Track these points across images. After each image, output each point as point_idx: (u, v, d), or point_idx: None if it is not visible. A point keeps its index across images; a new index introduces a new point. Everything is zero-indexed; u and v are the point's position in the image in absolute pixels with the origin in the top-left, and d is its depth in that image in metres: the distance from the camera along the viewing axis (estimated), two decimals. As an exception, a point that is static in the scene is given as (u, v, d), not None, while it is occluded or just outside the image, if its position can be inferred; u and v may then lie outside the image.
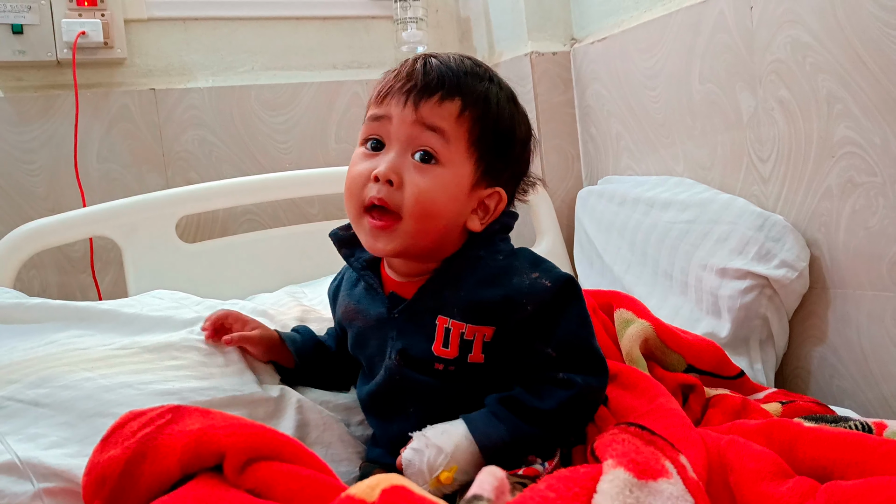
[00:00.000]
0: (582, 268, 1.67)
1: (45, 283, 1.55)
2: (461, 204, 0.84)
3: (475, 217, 0.86)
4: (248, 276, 1.46)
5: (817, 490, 0.66)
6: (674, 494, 0.62)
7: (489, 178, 0.86)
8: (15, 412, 0.80)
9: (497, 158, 0.86)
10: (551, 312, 0.81)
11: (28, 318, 1.00)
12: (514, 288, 0.82)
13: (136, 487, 0.65)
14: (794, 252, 1.23)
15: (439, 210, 0.82)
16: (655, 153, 1.56)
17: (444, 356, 0.82)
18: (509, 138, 0.87)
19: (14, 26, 1.50)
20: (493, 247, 0.87)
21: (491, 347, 0.82)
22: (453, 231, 0.86)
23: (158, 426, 0.68)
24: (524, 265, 0.85)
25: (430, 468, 0.76)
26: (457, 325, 0.82)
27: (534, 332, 0.81)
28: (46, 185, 1.57)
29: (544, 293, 0.81)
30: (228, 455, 0.66)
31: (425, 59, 0.85)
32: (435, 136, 0.81)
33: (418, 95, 0.81)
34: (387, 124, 0.83)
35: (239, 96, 1.72)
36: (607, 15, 1.67)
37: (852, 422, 0.85)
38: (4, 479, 0.72)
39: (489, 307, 0.81)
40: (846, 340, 1.23)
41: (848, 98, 1.16)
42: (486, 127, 0.84)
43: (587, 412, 0.83)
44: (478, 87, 0.84)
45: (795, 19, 1.22)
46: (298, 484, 0.65)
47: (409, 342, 0.84)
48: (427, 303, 0.84)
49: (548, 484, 0.62)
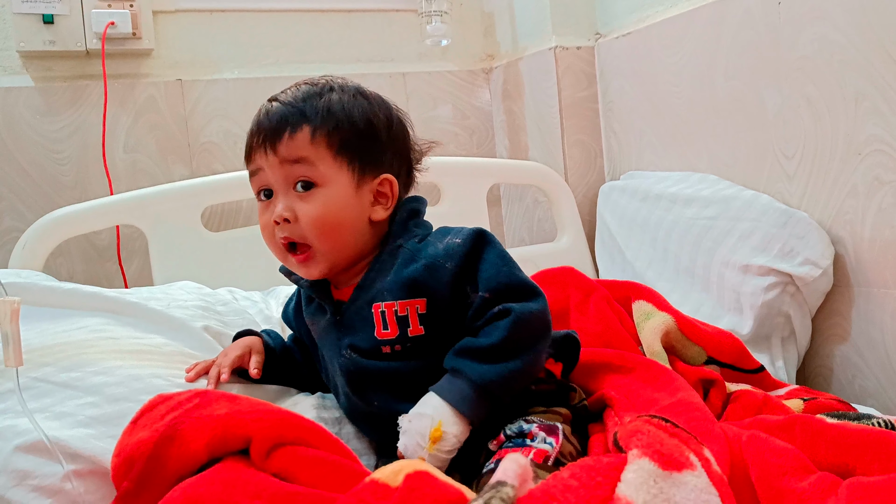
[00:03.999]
0: (603, 263, 1.67)
1: (72, 271, 1.58)
2: (355, 207, 0.91)
3: (378, 208, 0.92)
4: (271, 266, 1.46)
5: (839, 486, 0.66)
6: (698, 487, 0.62)
7: (371, 171, 0.92)
8: (45, 392, 0.81)
9: (369, 152, 0.92)
10: (470, 262, 0.86)
11: (60, 304, 1.01)
12: (431, 256, 0.87)
13: (163, 470, 0.66)
14: (818, 250, 1.22)
15: (338, 223, 0.89)
16: (679, 149, 1.56)
17: (386, 338, 0.87)
18: (370, 130, 0.92)
19: (45, 16, 1.52)
20: (409, 233, 0.92)
21: (429, 318, 0.86)
22: (363, 229, 0.92)
23: (187, 410, 0.69)
24: (437, 237, 0.90)
25: (421, 435, 0.79)
26: (389, 305, 0.86)
27: (463, 286, 0.86)
28: (74, 174, 1.59)
29: (458, 248, 0.86)
30: (255, 440, 0.67)
31: (267, 107, 0.92)
32: (301, 165, 0.88)
33: (272, 141, 0.89)
34: (263, 175, 0.91)
35: (263, 88, 1.73)
36: (632, 10, 1.66)
37: (875, 419, 0.85)
38: (35, 458, 0.73)
39: (414, 281, 0.86)
40: (869, 339, 1.22)
41: (876, 95, 1.15)
42: (342, 133, 0.90)
43: (537, 335, 0.84)
44: (317, 104, 0.90)
45: (823, 16, 1.21)
46: (323, 469, 0.66)
47: (354, 337, 0.89)
48: (363, 298, 0.90)
49: (571, 472, 0.62)
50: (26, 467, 0.72)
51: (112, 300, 1.03)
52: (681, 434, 0.69)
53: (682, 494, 0.60)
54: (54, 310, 1.00)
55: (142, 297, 1.08)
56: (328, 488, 0.65)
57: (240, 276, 1.40)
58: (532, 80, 1.82)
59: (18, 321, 0.75)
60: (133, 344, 0.93)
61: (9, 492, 0.71)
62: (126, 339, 0.94)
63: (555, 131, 1.76)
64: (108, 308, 1.02)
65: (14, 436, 0.74)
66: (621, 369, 0.96)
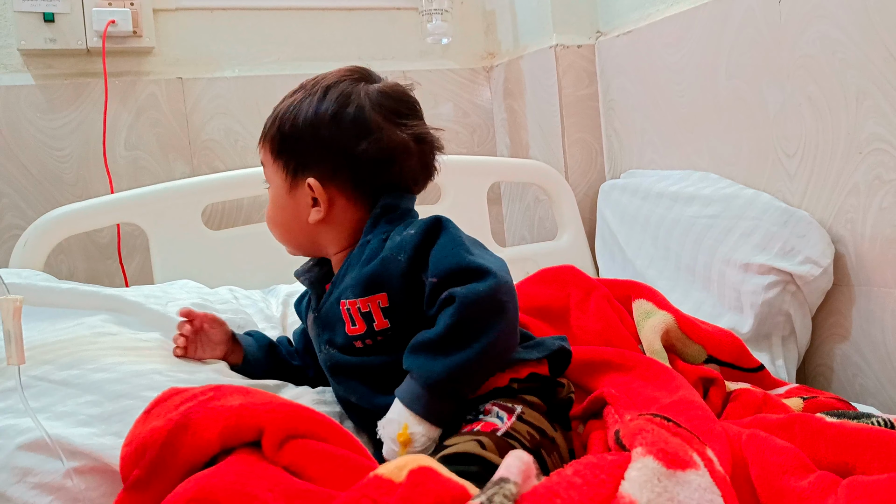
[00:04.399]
0: (604, 261, 1.67)
1: (72, 269, 1.58)
2: (291, 208, 0.96)
3: (313, 210, 0.95)
4: (271, 264, 1.47)
5: (839, 485, 0.66)
6: (701, 486, 0.62)
7: (301, 174, 0.95)
8: (44, 391, 0.81)
9: (294, 155, 0.95)
10: (423, 251, 0.84)
11: (59, 303, 1.01)
12: (387, 249, 0.87)
13: (176, 458, 0.66)
14: (818, 248, 1.22)
15: (277, 222, 0.99)
16: (680, 148, 1.55)
17: (355, 333, 0.88)
18: (292, 131, 0.95)
19: (45, 14, 1.52)
20: (379, 229, 0.92)
21: (392, 311, 0.86)
22: (302, 230, 0.97)
23: (201, 402, 0.70)
24: (399, 232, 0.89)
25: (392, 440, 0.79)
26: (352, 302, 0.88)
27: (418, 275, 0.85)
28: (75, 172, 1.59)
29: (410, 239, 0.85)
30: (267, 431, 0.67)
31: None
32: (264, 168, 0.99)
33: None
34: None
35: (264, 86, 1.74)
36: (633, 8, 1.66)
37: (874, 418, 0.85)
38: (36, 456, 0.73)
39: (371, 276, 0.87)
40: (870, 338, 1.22)
41: (877, 94, 1.15)
42: (274, 137, 0.96)
43: (487, 320, 0.79)
44: (273, 113, 0.98)
45: (825, 14, 1.21)
46: (332, 464, 0.66)
47: (331, 333, 0.92)
48: (334, 294, 0.91)
49: (575, 470, 0.62)
50: (28, 465, 0.73)
51: (110, 298, 1.04)
52: (683, 433, 0.69)
53: (685, 494, 0.60)
54: (53, 309, 1.00)
55: (140, 296, 1.08)
56: (337, 482, 0.65)
57: (240, 275, 1.40)
58: (533, 79, 1.82)
59: (20, 319, 0.75)
60: (132, 340, 0.93)
61: (10, 489, 0.71)
62: (125, 336, 0.94)
63: (555, 130, 1.76)
64: (107, 306, 1.02)
65: (16, 434, 0.75)
66: (621, 367, 0.96)
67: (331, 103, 0.94)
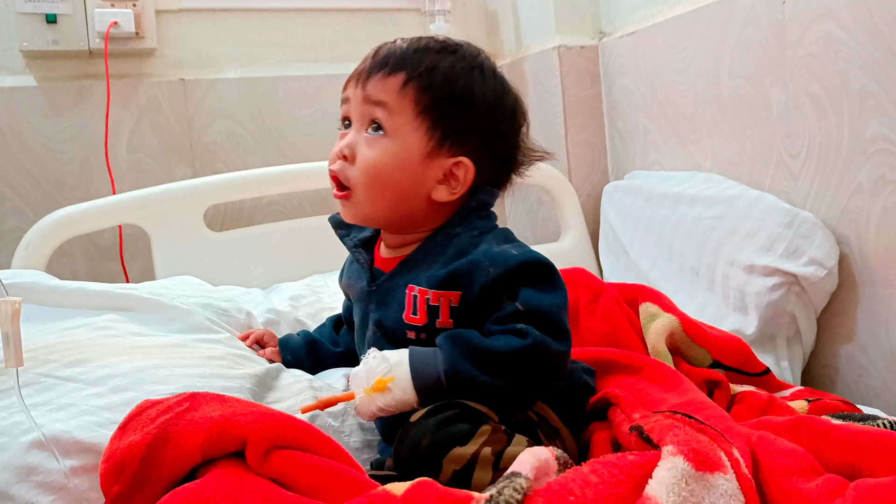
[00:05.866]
0: (608, 263, 1.67)
1: (74, 271, 1.57)
2: (413, 174, 0.86)
3: (442, 187, 0.88)
4: (274, 266, 1.48)
5: (846, 488, 0.65)
6: (727, 492, 0.60)
7: (450, 146, 0.87)
8: (49, 386, 0.80)
9: (455, 126, 0.87)
10: (514, 279, 0.81)
11: (64, 303, 1.01)
12: (479, 253, 0.83)
13: (157, 472, 0.65)
14: (823, 249, 1.21)
15: (387, 180, 0.86)
16: (683, 148, 1.55)
17: (413, 323, 0.84)
18: (467, 105, 0.88)
19: (48, 16, 1.52)
20: (470, 224, 0.88)
21: (459, 312, 0.83)
22: (415, 202, 0.88)
23: (178, 413, 0.67)
24: (497, 239, 0.86)
25: (369, 373, 0.77)
26: (422, 291, 0.83)
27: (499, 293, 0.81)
28: (77, 174, 1.59)
29: (508, 259, 0.82)
30: (251, 442, 0.65)
31: (380, 45, 0.90)
32: (380, 109, 0.86)
33: (366, 75, 0.87)
34: (348, 105, 0.90)
35: (266, 88, 1.73)
36: (636, 9, 1.66)
37: (881, 420, 0.84)
38: (41, 454, 0.72)
39: (454, 273, 0.83)
40: (875, 339, 1.21)
41: (881, 94, 1.14)
42: (435, 96, 0.86)
43: (538, 371, 0.79)
44: (426, 60, 0.87)
45: (828, 13, 1.20)
46: (322, 477, 0.64)
47: (384, 313, 0.87)
48: (403, 276, 0.87)
49: (591, 468, 0.61)
50: (32, 463, 0.72)
51: (116, 296, 1.03)
52: (708, 430, 0.68)
53: (711, 499, 0.59)
54: (58, 309, 0.99)
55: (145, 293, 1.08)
56: (328, 494, 0.64)
57: (242, 277, 1.40)
58: (536, 80, 1.82)
59: (19, 322, 0.75)
60: (138, 342, 0.93)
61: (13, 487, 0.71)
62: (130, 336, 0.94)
63: (558, 131, 1.76)
64: (113, 305, 1.02)
65: (21, 432, 0.74)
66: (628, 369, 0.95)
67: (496, 86, 0.91)
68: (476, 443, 0.70)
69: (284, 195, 1.69)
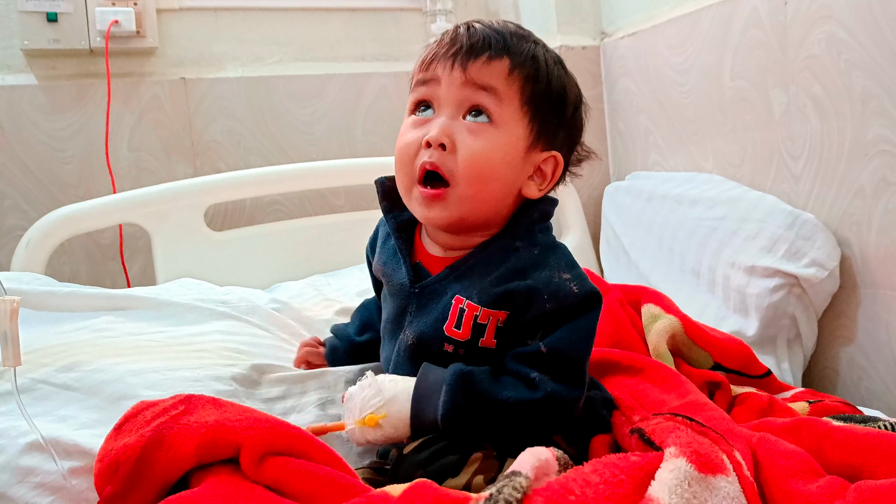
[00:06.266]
0: (608, 264, 1.66)
1: (75, 270, 1.57)
2: (516, 168, 0.81)
3: (532, 183, 0.83)
4: (274, 265, 1.48)
5: (847, 489, 0.65)
6: (729, 495, 0.60)
7: (544, 141, 0.83)
8: (47, 395, 0.81)
9: (550, 120, 0.83)
10: (566, 316, 0.77)
11: (60, 306, 1.01)
12: (541, 281, 0.78)
13: (151, 474, 0.65)
14: (824, 251, 1.21)
15: (494, 173, 0.79)
16: (684, 149, 1.55)
17: (455, 337, 0.79)
18: (561, 99, 0.84)
19: (49, 14, 1.52)
20: (532, 238, 0.82)
21: (503, 334, 0.79)
22: (508, 198, 0.82)
23: (173, 416, 0.67)
24: (559, 264, 0.81)
25: (362, 406, 0.75)
26: (472, 306, 0.78)
27: (539, 327, 0.78)
28: (78, 173, 1.58)
29: (570, 298, 0.77)
30: (245, 448, 0.65)
31: (468, 24, 0.82)
32: (487, 95, 0.79)
33: (465, 56, 0.79)
34: (435, 87, 0.81)
35: (267, 87, 1.73)
36: (638, 9, 1.66)
37: (881, 422, 0.84)
38: (38, 456, 0.73)
39: (511, 295, 0.78)
40: (876, 341, 1.21)
41: (883, 95, 1.14)
42: (538, 86, 0.81)
43: (547, 420, 0.76)
44: (524, 46, 0.81)
45: (830, 15, 1.20)
46: (316, 483, 0.64)
47: (424, 321, 0.81)
48: (451, 283, 0.81)
49: (593, 468, 0.60)
50: (30, 465, 0.72)
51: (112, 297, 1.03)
52: (709, 433, 0.68)
53: (713, 501, 0.59)
54: (54, 313, 0.99)
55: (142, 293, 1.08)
56: (323, 501, 0.64)
57: (243, 276, 1.40)
58: (537, 80, 1.81)
59: (17, 321, 0.75)
60: (132, 341, 0.93)
61: (11, 489, 0.71)
62: (127, 336, 0.94)
63: (559, 131, 1.76)
64: (110, 305, 1.02)
65: (18, 434, 0.74)
66: (629, 370, 0.95)
67: (573, 82, 0.86)
68: (468, 472, 0.70)
69: (285, 194, 1.69)
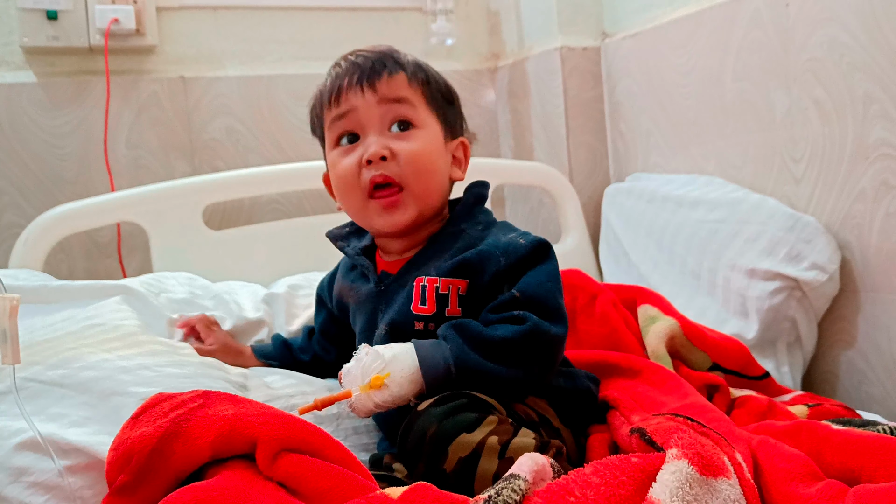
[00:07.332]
0: (608, 265, 1.66)
1: (72, 268, 1.57)
2: (444, 158, 0.92)
3: (455, 168, 0.95)
4: (272, 265, 1.47)
5: (846, 493, 0.65)
6: (731, 497, 0.60)
7: (451, 131, 0.95)
8: (37, 393, 0.80)
9: (449, 112, 0.95)
10: (523, 265, 0.85)
11: (52, 299, 1.01)
12: (490, 244, 0.86)
13: (166, 465, 0.65)
14: (825, 254, 1.21)
15: (433, 166, 0.90)
16: (686, 151, 1.54)
17: (422, 313, 0.85)
18: (449, 92, 0.96)
19: (48, 12, 1.52)
20: (474, 219, 0.92)
21: (467, 301, 0.85)
22: (445, 186, 0.93)
23: (191, 409, 0.68)
24: (501, 230, 0.90)
25: (364, 371, 0.77)
26: (431, 280, 0.85)
27: (503, 283, 0.84)
28: (76, 170, 1.58)
29: (519, 248, 0.85)
30: (261, 443, 0.65)
31: (352, 54, 0.93)
32: (402, 105, 0.89)
33: (370, 79, 0.89)
34: (353, 116, 0.90)
35: (267, 86, 1.73)
36: (639, 10, 1.65)
37: (881, 426, 0.84)
38: (32, 455, 0.72)
39: (466, 263, 0.85)
40: (876, 345, 1.21)
41: (885, 99, 1.13)
42: (432, 87, 0.92)
43: (538, 356, 0.81)
44: (405, 58, 0.93)
45: (833, 17, 1.20)
46: (328, 483, 0.64)
47: (392, 309, 0.88)
48: (411, 273, 0.89)
49: (594, 469, 0.60)
50: (23, 464, 0.72)
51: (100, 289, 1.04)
52: (711, 434, 0.68)
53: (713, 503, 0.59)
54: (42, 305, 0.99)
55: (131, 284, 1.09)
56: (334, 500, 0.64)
57: (240, 275, 1.39)
58: (538, 81, 1.81)
59: (16, 318, 0.75)
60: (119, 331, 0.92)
61: (6, 488, 0.71)
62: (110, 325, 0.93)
63: (560, 132, 1.75)
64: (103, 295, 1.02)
65: (11, 434, 0.74)
66: (627, 372, 0.95)
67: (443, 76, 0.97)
68: (483, 431, 0.71)
69: (284, 194, 1.69)
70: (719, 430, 0.72)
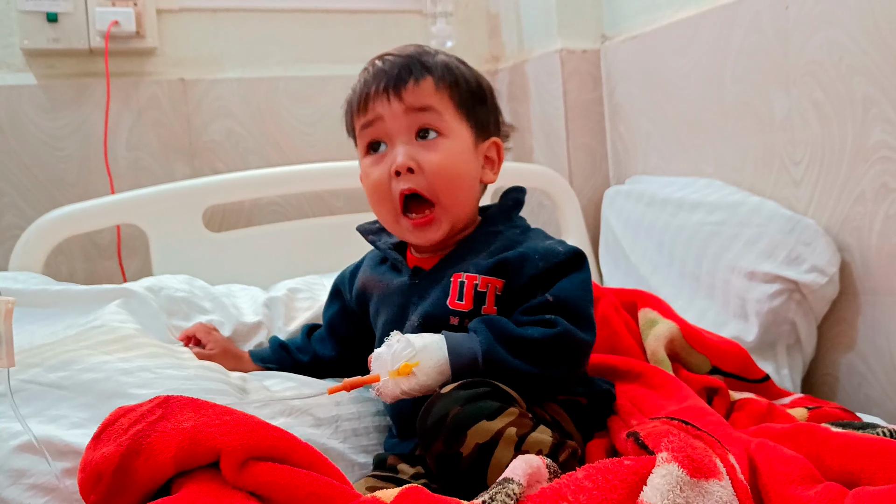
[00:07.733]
0: (608, 268, 1.66)
1: (72, 270, 1.57)
2: (474, 164, 0.92)
3: (487, 170, 0.95)
4: (272, 267, 1.47)
5: (846, 496, 0.65)
6: (722, 499, 0.60)
7: (483, 132, 0.94)
8: (36, 395, 0.80)
9: (480, 112, 0.94)
10: (559, 272, 0.86)
11: (52, 303, 1.01)
12: (529, 247, 0.88)
13: (132, 483, 0.64)
14: (824, 257, 1.21)
15: (461, 176, 0.90)
16: (685, 153, 1.54)
17: (459, 308, 0.86)
18: (480, 90, 0.95)
19: (49, 14, 1.52)
20: (511, 222, 0.94)
21: (502, 301, 0.87)
22: (476, 191, 0.94)
23: (150, 423, 0.66)
24: (538, 236, 0.93)
25: (394, 357, 0.78)
26: (470, 277, 0.87)
27: (537, 287, 0.86)
28: (76, 172, 1.58)
29: (558, 254, 0.87)
30: (225, 454, 0.63)
31: (382, 60, 0.92)
32: (427, 114, 0.89)
33: (396, 88, 0.88)
34: (380, 125, 0.90)
35: (267, 88, 1.73)
36: (639, 13, 1.65)
37: (880, 428, 0.84)
38: (31, 458, 0.73)
39: (504, 263, 0.87)
40: (875, 348, 1.21)
41: (884, 101, 1.13)
42: (460, 89, 0.92)
43: (565, 359, 0.83)
44: (434, 60, 0.92)
45: (832, 20, 1.20)
46: (301, 490, 0.62)
47: (428, 302, 0.89)
48: (447, 269, 0.90)
49: (586, 473, 0.61)
50: (22, 466, 0.72)
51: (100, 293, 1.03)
52: (704, 437, 0.68)
53: None
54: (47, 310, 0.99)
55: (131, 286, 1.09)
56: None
57: (241, 277, 1.39)
58: (537, 83, 1.81)
59: (11, 321, 0.75)
60: (119, 332, 0.92)
61: (5, 491, 0.71)
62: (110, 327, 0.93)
63: (560, 134, 1.75)
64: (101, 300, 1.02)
65: (10, 437, 0.74)
66: (627, 375, 0.95)
67: (476, 72, 0.96)
68: (503, 421, 0.72)
69: (284, 196, 1.69)
70: (715, 433, 0.72)
